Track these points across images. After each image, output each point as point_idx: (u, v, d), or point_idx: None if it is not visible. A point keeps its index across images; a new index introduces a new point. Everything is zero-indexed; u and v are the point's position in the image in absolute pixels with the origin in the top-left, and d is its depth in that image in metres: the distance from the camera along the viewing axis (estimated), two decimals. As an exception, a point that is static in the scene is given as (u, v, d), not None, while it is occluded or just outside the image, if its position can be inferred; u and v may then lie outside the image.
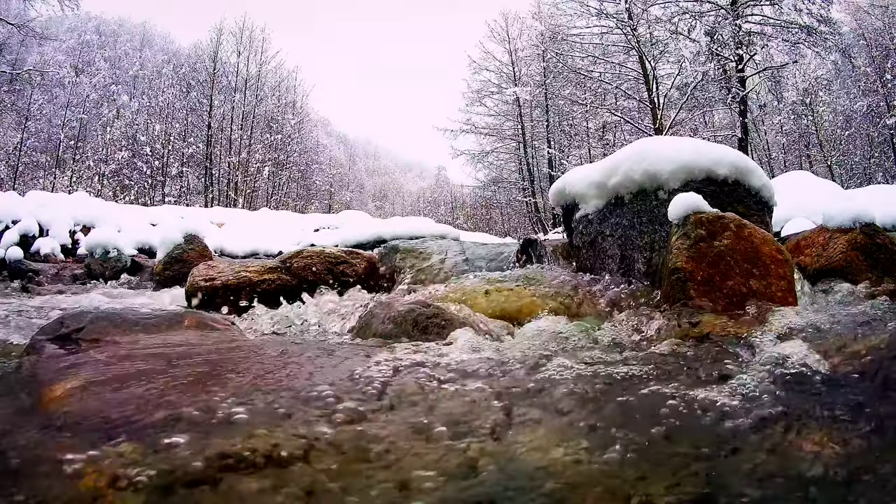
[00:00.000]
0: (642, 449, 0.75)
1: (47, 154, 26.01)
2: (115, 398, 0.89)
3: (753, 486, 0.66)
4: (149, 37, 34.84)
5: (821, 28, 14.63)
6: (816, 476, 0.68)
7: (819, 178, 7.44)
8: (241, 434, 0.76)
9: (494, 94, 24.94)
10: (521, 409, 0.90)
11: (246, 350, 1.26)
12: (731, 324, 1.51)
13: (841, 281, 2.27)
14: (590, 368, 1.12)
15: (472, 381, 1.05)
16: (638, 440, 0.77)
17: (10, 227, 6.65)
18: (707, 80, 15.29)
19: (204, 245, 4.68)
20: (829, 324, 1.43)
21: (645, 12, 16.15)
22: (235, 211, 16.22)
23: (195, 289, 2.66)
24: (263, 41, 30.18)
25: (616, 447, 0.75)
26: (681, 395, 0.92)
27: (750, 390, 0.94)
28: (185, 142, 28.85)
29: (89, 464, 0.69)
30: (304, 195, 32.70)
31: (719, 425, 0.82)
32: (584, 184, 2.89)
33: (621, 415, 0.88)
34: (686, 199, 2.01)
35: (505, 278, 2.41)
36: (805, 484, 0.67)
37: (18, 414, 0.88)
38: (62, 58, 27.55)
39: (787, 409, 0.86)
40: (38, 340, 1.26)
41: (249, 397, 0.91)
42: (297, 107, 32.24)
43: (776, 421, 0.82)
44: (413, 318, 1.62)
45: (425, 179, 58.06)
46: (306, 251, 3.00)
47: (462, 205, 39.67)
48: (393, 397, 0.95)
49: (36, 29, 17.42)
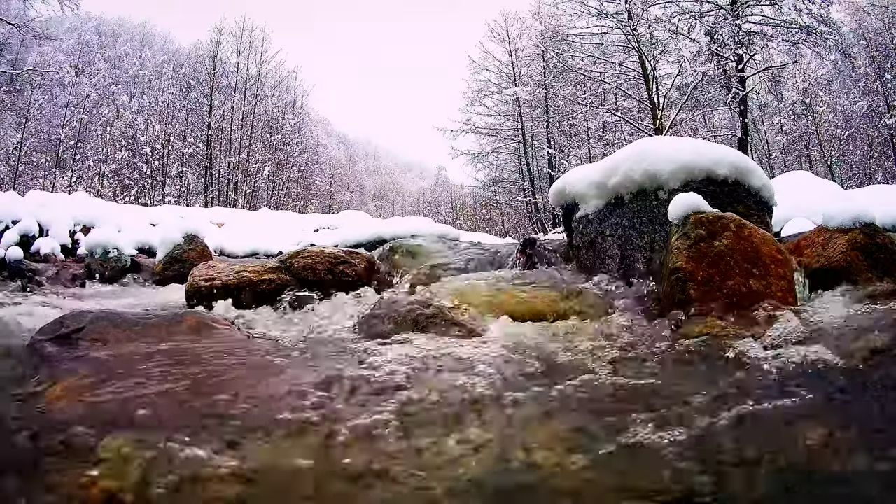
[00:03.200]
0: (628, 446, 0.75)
1: (47, 154, 25.98)
2: (114, 397, 0.89)
3: (748, 482, 0.66)
4: (149, 37, 34.80)
5: (821, 28, 14.62)
6: (813, 470, 0.68)
7: (819, 178, 7.44)
8: (238, 434, 0.76)
9: (494, 94, 24.92)
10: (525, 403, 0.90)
11: (245, 350, 1.26)
12: (730, 324, 1.51)
13: (841, 281, 2.26)
14: (588, 367, 1.12)
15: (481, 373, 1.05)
16: (628, 437, 0.77)
17: (10, 227, 6.64)
18: (707, 80, 15.27)
19: (204, 245, 4.68)
20: (828, 324, 1.43)
21: (645, 12, 16.13)
22: (235, 211, 16.21)
23: (195, 289, 2.66)
24: (263, 41, 30.17)
25: (603, 445, 0.75)
26: (681, 395, 0.92)
27: (749, 390, 0.94)
28: (185, 142, 28.82)
29: (86, 458, 0.69)
30: (304, 195, 32.67)
31: (716, 421, 0.82)
32: (584, 184, 2.89)
33: (614, 409, 0.88)
34: (686, 199, 2.01)
35: (504, 278, 2.41)
36: (799, 482, 0.67)
37: (18, 412, 0.88)
38: (62, 58, 27.53)
39: (787, 410, 0.86)
40: (38, 340, 1.26)
41: (249, 397, 0.91)
42: (297, 107, 32.22)
43: (775, 421, 0.82)
44: (413, 317, 1.62)
45: (425, 179, 58.03)
46: (306, 251, 2.99)
47: (462, 205, 39.63)
48: (406, 400, 0.95)
49: (36, 29, 17.40)
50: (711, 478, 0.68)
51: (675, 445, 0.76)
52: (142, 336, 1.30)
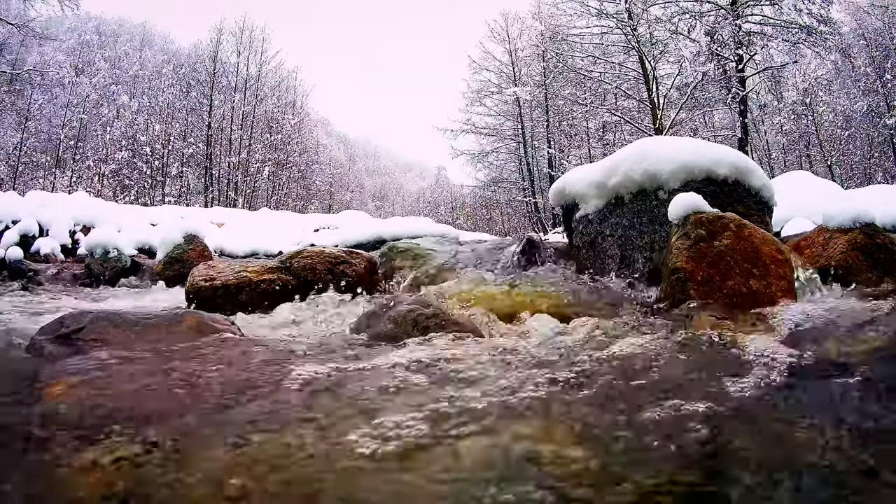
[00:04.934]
0: (628, 444, 0.75)
1: (47, 154, 25.98)
2: (113, 397, 0.89)
3: (744, 480, 0.66)
4: (149, 37, 34.80)
5: (821, 28, 14.63)
6: (807, 472, 0.68)
7: (819, 178, 7.44)
8: (235, 434, 0.76)
9: (494, 94, 24.93)
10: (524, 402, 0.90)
11: (245, 350, 1.26)
12: (730, 324, 1.51)
13: (841, 281, 2.27)
14: (585, 367, 1.12)
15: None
16: (626, 435, 0.78)
17: (10, 227, 6.64)
18: (707, 80, 15.28)
19: (204, 245, 4.68)
20: (828, 324, 1.43)
21: (645, 12, 16.14)
22: (235, 211, 16.20)
23: (195, 289, 2.65)
24: (263, 41, 30.19)
25: (603, 440, 0.75)
26: (680, 394, 0.92)
27: (749, 389, 0.94)
28: (185, 142, 28.83)
29: (86, 458, 0.69)
30: (304, 195, 32.67)
31: (713, 422, 0.82)
32: (584, 184, 2.90)
33: (613, 411, 0.88)
34: (686, 199, 2.01)
35: (505, 278, 2.41)
36: (794, 480, 0.67)
37: (19, 411, 0.88)
38: (62, 58, 27.52)
39: (786, 409, 0.86)
40: (38, 340, 1.26)
41: (248, 398, 0.91)
42: (297, 107, 32.24)
43: (774, 420, 0.82)
44: (413, 317, 1.62)
45: (425, 179, 58.03)
46: (306, 251, 2.99)
47: (462, 205, 39.64)
48: (403, 391, 0.95)
49: (36, 29, 17.41)
50: (702, 472, 0.69)
51: (675, 445, 0.76)
52: (142, 336, 1.30)
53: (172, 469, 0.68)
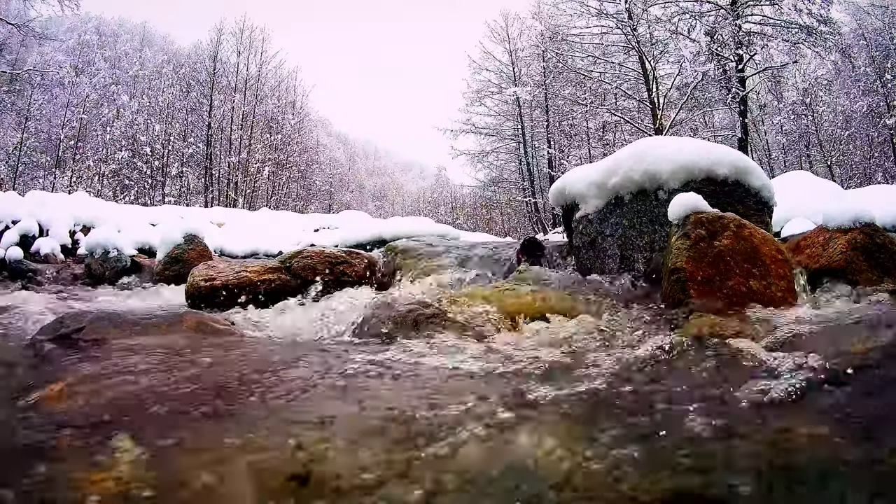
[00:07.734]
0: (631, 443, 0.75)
1: (47, 154, 25.97)
2: (114, 397, 0.89)
3: (743, 479, 0.66)
4: (149, 37, 34.79)
5: (821, 28, 14.62)
6: (805, 470, 0.68)
7: (819, 178, 7.43)
8: (235, 434, 0.76)
9: (494, 94, 24.91)
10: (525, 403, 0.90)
11: (245, 351, 1.26)
12: (730, 324, 1.51)
13: (841, 281, 2.26)
14: (584, 367, 1.12)
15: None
16: (628, 435, 0.77)
17: (10, 227, 6.64)
18: (707, 80, 15.28)
19: (204, 245, 4.68)
20: (828, 324, 1.43)
21: (645, 12, 16.14)
22: (235, 211, 16.19)
23: (195, 289, 2.66)
24: (263, 41, 30.16)
25: (605, 442, 0.75)
26: (679, 394, 0.92)
27: (748, 389, 0.94)
28: (185, 142, 28.82)
29: (86, 458, 0.69)
30: (304, 195, 32.65)
31: (712, 420, 0.82)
32: (584, 184, 2.89)
33: (615, 410, 0.88)
34: (686, 199, 2.01)
35: (505, 278, 2.41)
36: (791, 480, 0.67)
37: (18, 411, 0.88)
38: (62, 58, 27.51)
39: (785, 409, 0.86)
40: (38, 340, 1.26)
41: (247, 398, 0.91)
42: (297, 107, 32.22)
43: (773, 421, 0.82)
44: (413, 318, 1.62)
45: (425, 179, 58.00)
46: (306, 251, 3.00)
47: (462, 205, 39.62)
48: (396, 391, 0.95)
49: (36, 29, 17.39)
50: (700, 471, 0.69)
51: (674, 446, 0.76)
52: (142, 336, 1.30)
53: (172, 469, 0.68)
